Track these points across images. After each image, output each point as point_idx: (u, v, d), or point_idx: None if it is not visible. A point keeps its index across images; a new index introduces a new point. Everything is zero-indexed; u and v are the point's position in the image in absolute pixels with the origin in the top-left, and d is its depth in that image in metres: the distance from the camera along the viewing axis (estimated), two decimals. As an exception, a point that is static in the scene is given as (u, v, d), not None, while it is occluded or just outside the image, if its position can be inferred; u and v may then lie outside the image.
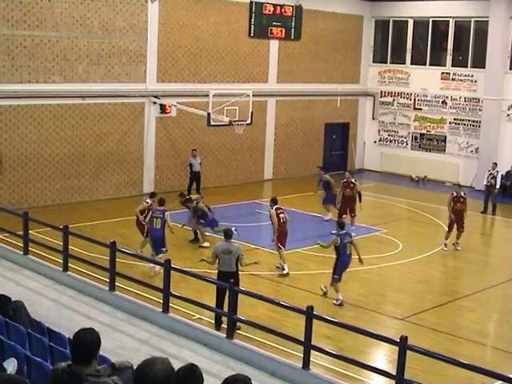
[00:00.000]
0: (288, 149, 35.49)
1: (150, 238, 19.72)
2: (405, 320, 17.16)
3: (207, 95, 27.85)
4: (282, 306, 13.74)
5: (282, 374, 12.03)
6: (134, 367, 5.76)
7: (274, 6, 33.23)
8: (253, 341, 13.83)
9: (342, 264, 18.01)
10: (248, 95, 28.64)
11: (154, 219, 19.58)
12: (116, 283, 15.45)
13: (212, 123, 28.23)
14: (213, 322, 15.14)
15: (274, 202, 20.87)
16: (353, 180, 25.65)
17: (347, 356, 12.66)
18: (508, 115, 34.52)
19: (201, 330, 13.58)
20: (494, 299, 19.40)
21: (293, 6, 33.95)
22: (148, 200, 20.92)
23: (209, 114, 27.79)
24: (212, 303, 14.69)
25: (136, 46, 28.83)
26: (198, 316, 15.52)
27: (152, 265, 18.71)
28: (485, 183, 30.12)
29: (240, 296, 13.77)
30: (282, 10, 33.57)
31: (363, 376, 13.36)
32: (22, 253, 17.60)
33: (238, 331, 14.51)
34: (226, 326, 13.44)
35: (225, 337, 13.13)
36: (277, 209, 20.61)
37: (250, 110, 28.61)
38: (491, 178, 29.82)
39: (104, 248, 16.11)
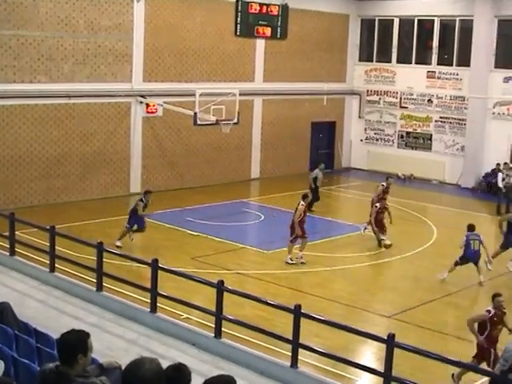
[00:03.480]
0: (275, 148, 35.50)
1: (470, 257, 19.87)
2: (393, 317, 17.20)
3: (194, 95, 27.86)
4: (269, 304, 13.73)
5: (270, 372, 12.03)
6: (123, 367, 5.75)
7: (260, 5, 33.22)
8: (241, 340, 13.81)
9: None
10: (234, 94, 28.66)
11: (472, 242, 19.75)
12: (104, 284, 15.42)
13: (199, 122, 28.25)
14: (201, 321, 15.09)
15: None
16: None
17: (335, 354, 12.67)
18: (493, 113, 34.67)
19: (189, 330, 13.57)
20: (481, 296, 19.46)
21: (279, 5, 33.95)
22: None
23: (195, 114, 27.79)
24: (200, 302, 14.65)
25: (122, 46, 28.76)
26: (186, 316, 15.49)
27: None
28: (502, 185, 29.86)
29: (227, 295, 13.75)
30: (268, 9, 33.56)
31: (352, 374, 13.38)
32: (8, 254, 17.54)
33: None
34: (213, 325, 13.42)
35: (213, 336, 13.12)
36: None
37: (237, 109, 28.63)
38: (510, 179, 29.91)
39: (91, 248, 16.07)
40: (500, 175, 30.18)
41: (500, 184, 29.93)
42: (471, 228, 20.00)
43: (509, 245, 21.26)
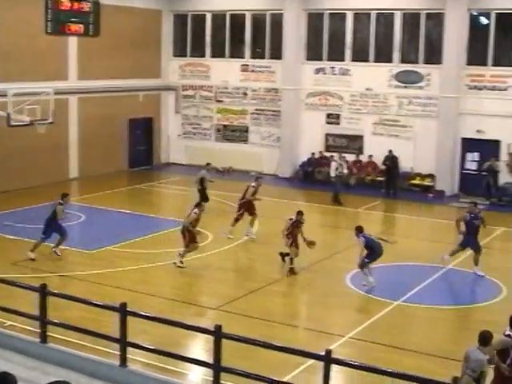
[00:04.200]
0: (93, 146, 34.93)
1: (379, 252, 19.27)
2: (219, 309, 17.44)
3: (6, 95, 27.02)
4: (94, 305, 13.59)
5: (101, 373, 11.94)
6: None
7: (71, 1, 32.55)
8: (69, 343, 13.61)
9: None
10: (48, 93, 28.05)
11: (373, 237, 19.33)
12: None
13: (13, 123, 27.41)
14: (26, 327, 14.72)
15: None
16: None
17: (164, 349, 12.73)
18: (306, 104, 35.77)
19: (13, 337, 13.23)
20: (303, 282, 20.07)
21: (90, 2, 33.42)
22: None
23: (8, 115, 26.97)
24: (25, 308, 14.27)
25: None
26: (10, 323, 15.06)
27: None
28: (335, 174, 30.90)
29: (52, 299, 13.49)
30: (80, 6, 32.89)
31: (182, 368, 13.48)
32: None
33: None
34: (39, 330, 13.15)
35: (39, 341, 12.86)
36: None
37: (52, 109, 28.02)
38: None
39: None
40: (333, 164, 31.27)
41: (332, 173, 31.04)
42: (361, 229, 19.39)
43: (468, 244, 20.72)
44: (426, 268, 20.85)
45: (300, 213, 20.84)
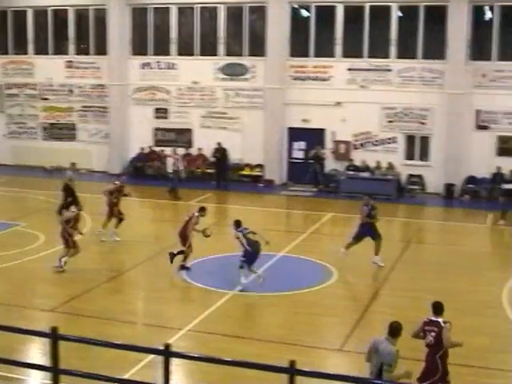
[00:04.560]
0: None
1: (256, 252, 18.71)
2: (55, 311, 17.18)
3: None
4: None
5: None
6: None
7: None
8: None
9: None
10: None
11: (250, 235, 18.73)
12: None
13: None
14: None
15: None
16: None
17: (-1, 356, 12.43)
18: (133, 99, 35.65)
19: None
20: (139, 277, 20.08)
21: None
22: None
23: None
24: None
25: None
26: None
27: None
28: (172, 170, 31.20)
29: None
30: None
31: (20, 374, 13.20)
32: None
33: None
34: None
35: None
36: None
37: None
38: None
39: None
40: (170, 160, 31.71)
41: (169, 169, 31.34)
42: (238, 223, 18.87)
43: (367, 234, 20.65)
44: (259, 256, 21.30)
45: (202, 209, 20.42)
